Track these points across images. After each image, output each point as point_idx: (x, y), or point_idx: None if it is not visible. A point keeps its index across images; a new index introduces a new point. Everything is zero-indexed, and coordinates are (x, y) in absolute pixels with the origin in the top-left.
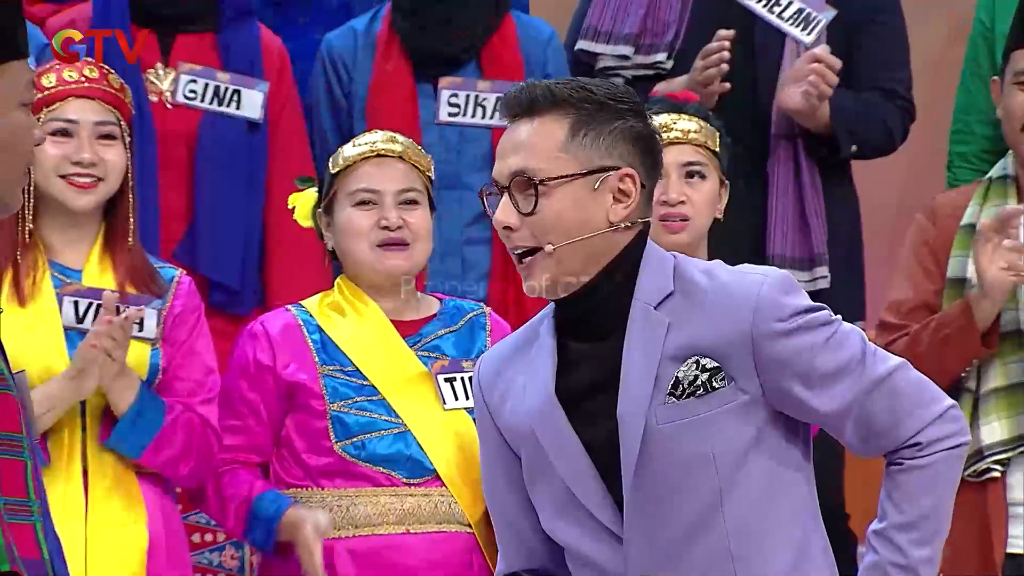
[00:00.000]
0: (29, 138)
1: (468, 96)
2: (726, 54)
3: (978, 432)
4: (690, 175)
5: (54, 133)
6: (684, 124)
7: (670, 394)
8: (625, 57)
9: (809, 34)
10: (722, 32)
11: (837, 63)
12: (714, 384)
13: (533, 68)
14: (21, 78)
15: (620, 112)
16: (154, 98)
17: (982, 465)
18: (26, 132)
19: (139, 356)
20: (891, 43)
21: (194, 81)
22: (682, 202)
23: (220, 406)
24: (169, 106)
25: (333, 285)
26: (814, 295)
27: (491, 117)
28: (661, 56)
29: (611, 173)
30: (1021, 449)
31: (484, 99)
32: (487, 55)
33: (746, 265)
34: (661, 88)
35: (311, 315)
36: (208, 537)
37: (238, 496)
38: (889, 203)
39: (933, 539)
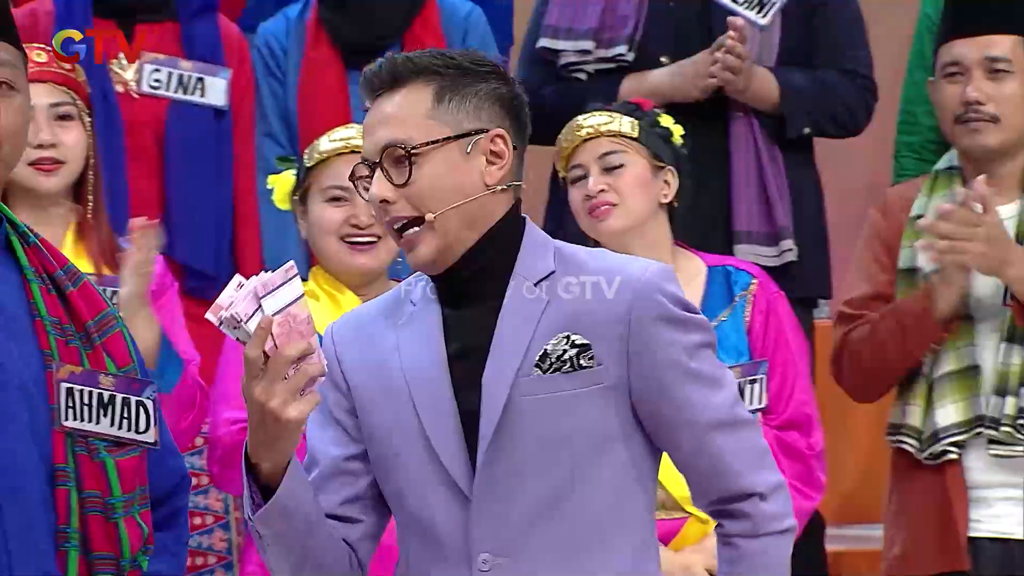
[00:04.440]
0: None
1: None
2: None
3: (933, 415)
4: (609, 167)
5: None
6: (593, 120)
7: (536, 366)
8: (586, 52)
9: (764, 16)
10: (727, 40)
11: (744, 34)
12: (581, 362)
13: (454, 45)
14: None
15: (483, 75)
16: (119, 88)
17: (938, 448)
18: None
19: None
20: (848, 23)
21: (158, 70)
22: (603, 191)
23: (230, 396)
24: (135, 96)
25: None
26: (781, 269)
27: None
28: (622, 48)
29: (482, 135)
30: (976, 431)
31: None
32: (410, 39)
33: (633, 257)
34: (630, 84)
35: None
36: (197, 520)
37: None
38: (857, 186)
39: None
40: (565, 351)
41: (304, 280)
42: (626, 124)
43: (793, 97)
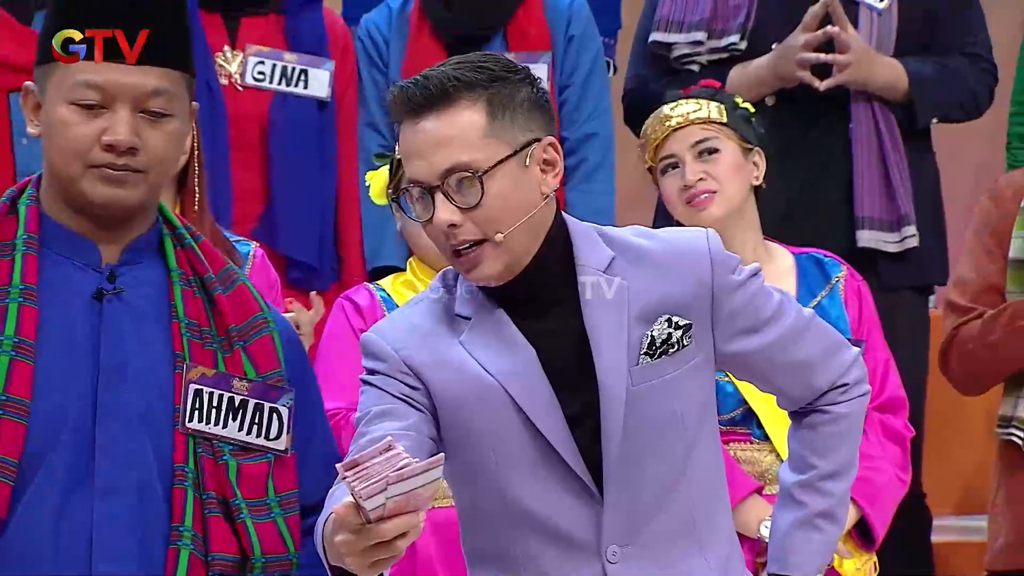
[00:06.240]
0: (70, 134)
1: None
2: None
3: None
4: (703, 153)
5: None
6: (681, 108)
7: (645, 354)
8: (699, 43)
9: (882, 0)
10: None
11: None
12: (684, 342)
13: (557, 33)
14: (66, 80)
15: (519, 82)
16: (224, 80)
17: None
18: (65, 128)
19: None
20: (967, 7)
21: (262, 63)
22: (701, 179)
23: (328, 385)
24: (239, 88)
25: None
26: (902, 255)
27: None
28: (734, 38)
29: (535, 146)
30: None
31: None
32: (513, 28)
33: (669, 228)
34: (736, 73)
35: (387, 293)
36: None
37: None
38: (970, 168)
39: (850, 481)
40: (671, 334)
41: (402, 271)
42: (714, 110)
43: (922, 87)
